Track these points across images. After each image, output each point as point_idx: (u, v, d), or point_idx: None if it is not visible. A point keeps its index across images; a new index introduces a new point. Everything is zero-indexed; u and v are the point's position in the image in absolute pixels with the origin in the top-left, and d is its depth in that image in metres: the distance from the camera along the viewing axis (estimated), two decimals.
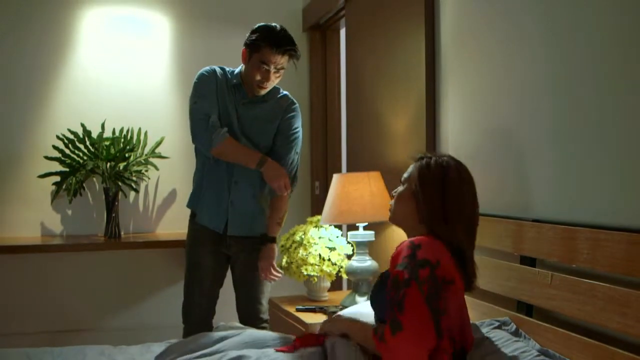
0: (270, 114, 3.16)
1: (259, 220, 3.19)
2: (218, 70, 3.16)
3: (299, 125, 3.23)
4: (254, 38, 3.01)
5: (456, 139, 2.86)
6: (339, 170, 4.51)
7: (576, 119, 2.10)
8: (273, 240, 3.18)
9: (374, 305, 2.04)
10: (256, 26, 3.06)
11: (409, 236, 2.05)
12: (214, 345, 2.27)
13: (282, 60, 3.01)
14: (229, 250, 3.20)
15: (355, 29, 3.92)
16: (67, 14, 4.27)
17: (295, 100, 3.24)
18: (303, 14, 4.67)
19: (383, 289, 1.95)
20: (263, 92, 3.10)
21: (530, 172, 2.32)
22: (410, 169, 2.09)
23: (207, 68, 3.17)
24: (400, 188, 2.12)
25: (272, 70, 3.01)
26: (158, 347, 2.50)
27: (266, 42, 2.97)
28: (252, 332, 2.38)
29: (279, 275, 3.17)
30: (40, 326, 4.13)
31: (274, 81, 3.07)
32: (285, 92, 3.24)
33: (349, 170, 4.02)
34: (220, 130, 3.01)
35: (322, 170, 4.63)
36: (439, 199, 1.97)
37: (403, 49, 3.25)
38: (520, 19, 2.40)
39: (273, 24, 3.05)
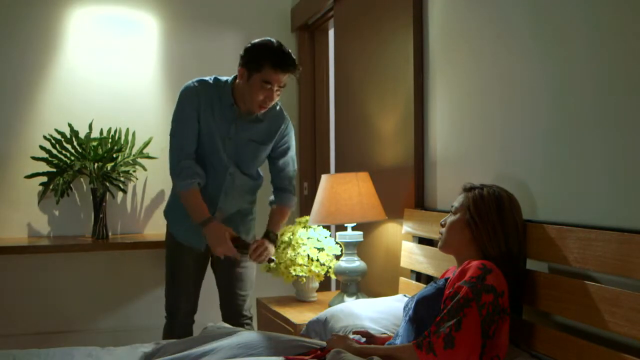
0: (265, 136, 3.07)
1: (239, 231, 3.12)
2: (205, 85, 3.01)
3: (293, 146, 3.20)
4: (254, 57, 2.86)
5: (445, 140, 2.86)
6: (327, 171, 4.51)
7: (567, 119, 2.11)
8: (275, 237, 3.12)
9: (418, 306, 2.11)
10: (251, 44, 2.91)
11: (459, 264, 2.13)
12: (207, 346, 2.26)
13: (285, 78, 2.90)
14: (207, 252, 3.16)
15: (344, 30, 3.92)
16: (55, 13, 4.24)
17: (288, 118, 3.16)
18: (292, 14, 4.67)
19: (437, 296, 2.06)
20: (263, 111, 2.98)
21: (520, 172, 2.33)
22: (461, 199, 2.17)
23: (192, 84, 3.01)
24: (452, 217, 2.19)
25: (275, 88, 2.90)
26: (146, 348, 2.48)
27: (269, 61, 2.83)
28: (244, 335, 2.37)
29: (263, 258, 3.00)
30: (27, 328, 4.09)
31: (276, 99, 2.97)
32: (280, 107, 3.13)
33: (337, 170, 4.01)
34: (189, 180, 2.95)
35: (311, 171, 4.63)
36: (501, 230, 2.07)
37: (391, 49, 3.26)
38: (509, 18, 2.40)
39: (269, 40, 2.91)
